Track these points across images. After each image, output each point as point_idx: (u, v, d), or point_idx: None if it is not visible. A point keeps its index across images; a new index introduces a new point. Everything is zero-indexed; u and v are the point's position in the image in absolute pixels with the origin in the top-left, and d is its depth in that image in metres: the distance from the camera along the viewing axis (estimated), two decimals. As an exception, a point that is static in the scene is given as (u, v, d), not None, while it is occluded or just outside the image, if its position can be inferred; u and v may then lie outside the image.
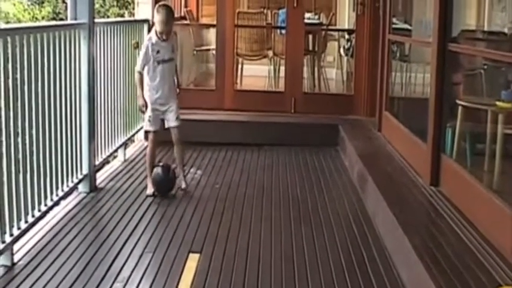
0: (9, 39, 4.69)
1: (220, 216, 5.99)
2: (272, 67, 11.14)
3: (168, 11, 6.58)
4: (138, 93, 6.60)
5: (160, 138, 6.67)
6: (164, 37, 6.52)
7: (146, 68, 6.56)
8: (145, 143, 8.61)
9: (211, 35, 10.77)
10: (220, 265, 4.86)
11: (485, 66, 6.39)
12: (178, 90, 6.89)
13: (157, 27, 6.53)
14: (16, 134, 4.85)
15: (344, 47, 12.23)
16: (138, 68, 6.62)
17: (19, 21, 16.33)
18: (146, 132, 6.81)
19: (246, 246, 5.26)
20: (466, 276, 4.06)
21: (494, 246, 4.50)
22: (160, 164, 6.68)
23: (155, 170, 6.56)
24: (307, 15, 11.50)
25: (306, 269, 4.81)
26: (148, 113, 6.62)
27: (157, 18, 6.50)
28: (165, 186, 6.54)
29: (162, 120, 6.72)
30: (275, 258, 5.03)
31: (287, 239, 5.45)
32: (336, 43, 12.64)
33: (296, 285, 4.54)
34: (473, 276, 4.07)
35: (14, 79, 4.79)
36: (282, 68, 10.20)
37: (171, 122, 6.68)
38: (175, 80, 6.85)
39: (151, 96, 6.59)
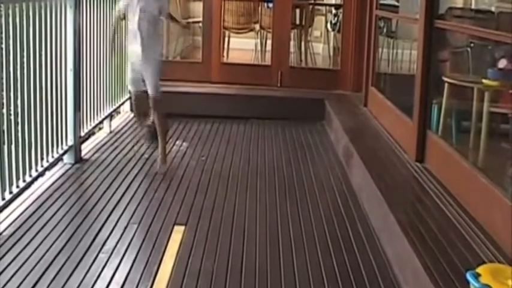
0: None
1: (206, 189, 5.99)
2: (259, 40, 11.11)
3: None
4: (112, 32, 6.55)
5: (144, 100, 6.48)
6: None
7: (129, 10, 6.29)
8: (131, 115, 8.64)
9: (198, 7, 10.70)
10: (205, 237, 4.87)
11: (472, 44, 6.41)
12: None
13: None
14: (1, 105, 4.82)
15: (331, 22, 12.20)
16: (119, 5, 6.42)
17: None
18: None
19: (231, 219, 5.28)
20: (450, 252, 4.09)
21: (478, 222, 4.53)
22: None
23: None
24: (294, -11, 11.47)
25: (291, 243, 4.84)
26: (129, 72, 6.55)
27: None
28: None
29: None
30: (260, 231, 5.05)
31: (272, 213, 5.47)
32: (323, 18, 12.59)
33: (281, 258, 4.56)
34: (457, 252, 4.09)
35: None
36: (269, 42, 10.18)
37: (148, 88, 6.34)
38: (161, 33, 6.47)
39: (129, 48, 6.46)
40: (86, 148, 6.99)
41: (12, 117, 5.10)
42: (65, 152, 6.32)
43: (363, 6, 9.02)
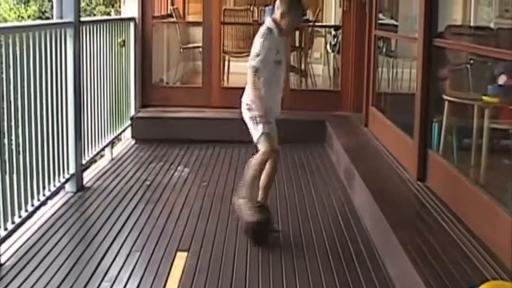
0: (-6, 38, 4.69)
1: (208, 214, 5.98)
2: (259, 64, 11.10)
3: None
4: (259, 102, 5.33)
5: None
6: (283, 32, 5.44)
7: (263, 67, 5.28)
8: (133, 142, 8.66)
9: (197, 32, 10.75)
10: (208, 263, 4.86)
11: (472, 61, 6.42)
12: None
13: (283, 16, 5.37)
14: (2, 135, 4.84)
15: (330, 43, 12.24)
16: (256, 62, 5.27)
17: (5, 20, 16.27)
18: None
19: (233, 244, 5.26)
20: (453, 271, 4.08)
21: (481, 240, 4.52)
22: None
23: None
24: (293, 11, 11.49)
25: (294, 266, 4.82)
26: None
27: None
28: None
29: None
30: (263, 254, 5.03)
31: (275, 236, 5.45)
32: (323, 39, 12.65)
33: (284, 282, 4.55)
34: (460, 271, 4.08)
35: (0, 79, 4.77)
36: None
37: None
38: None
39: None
40: (88, 176, 6.99)
41: (13, 147, 5.11)
42: (67, 181, 6.33)
43: (361, 26, 9.05)
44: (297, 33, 11.26)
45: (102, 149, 7.66)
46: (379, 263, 4.85)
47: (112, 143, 8.05)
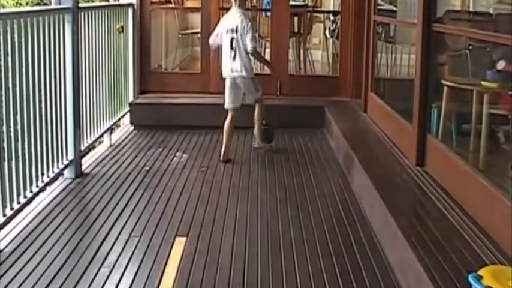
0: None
1: (207, 199, 5.98)
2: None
3: None
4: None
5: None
6: None
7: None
8: (131, 128, 8.65)
9: (196, 18, 10.71)
10: (207, 248, 4.86)
11: (471, 47, 6.39)
12: None
13: None
14: (0, 122, 4.82)
15: (329, 29, 12.19)
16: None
17: (3, 6, 16.21)
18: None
19: (232, 229, 5.26)
20: (452, 256, 4.07)
21: (480, 226, 4.52)
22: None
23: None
24: (292, -4, 11.47)
25: (293, 252, 4.82)
26: None
27: None
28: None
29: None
30: (261, 240, 5.03)
31: (274, 221, 5.45)
32: (321, 25, 12.60)
33: (283, 267, 4.54)
34: (460, 256, 4.08)
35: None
36: (268, 51, 10.16)
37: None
38: None
39: None
40: (87, 162, 6.99)
41: (12, 134, 5.10)
42: (66, 167, 6.32)
43: (360, 12, 9.02)
44: (296, 19, 11.24)
45: (101, 135, 7.65)
46: (378, 249, 4.85)
47: (111, 129, 8.04)
